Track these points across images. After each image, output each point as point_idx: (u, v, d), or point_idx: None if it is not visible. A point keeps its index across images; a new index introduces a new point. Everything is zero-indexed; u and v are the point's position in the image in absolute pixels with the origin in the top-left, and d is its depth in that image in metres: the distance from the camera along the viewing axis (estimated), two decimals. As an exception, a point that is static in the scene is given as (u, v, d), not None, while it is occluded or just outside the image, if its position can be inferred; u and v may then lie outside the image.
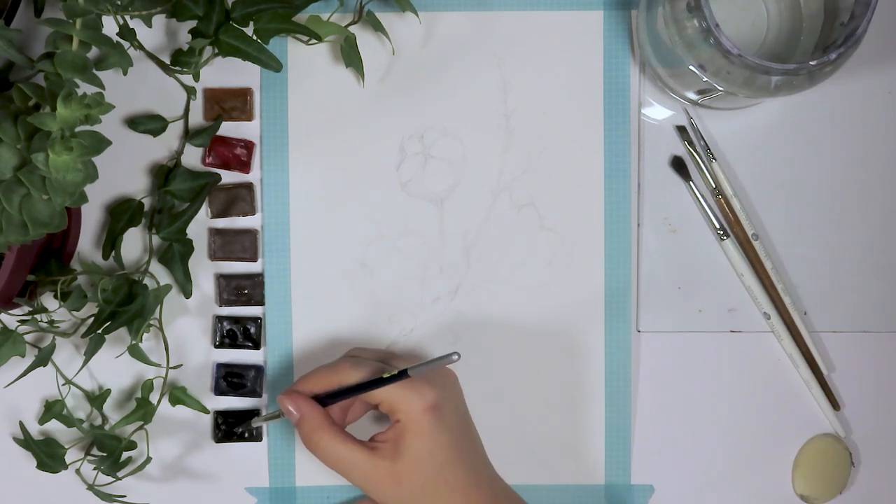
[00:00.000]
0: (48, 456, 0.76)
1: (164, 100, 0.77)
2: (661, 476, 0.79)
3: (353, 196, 0.78)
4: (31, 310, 0.73)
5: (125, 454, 0.76)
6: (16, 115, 0.62)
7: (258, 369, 0.78)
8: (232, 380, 0.78)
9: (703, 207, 0.77)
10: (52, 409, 0.76)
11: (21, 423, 0.77)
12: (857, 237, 0.78)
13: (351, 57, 0.75)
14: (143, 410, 0.76)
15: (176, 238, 0.76)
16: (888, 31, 0.77)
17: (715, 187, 0.78)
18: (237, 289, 0.78)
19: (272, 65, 0.72)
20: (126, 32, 0.70)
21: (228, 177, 0.78)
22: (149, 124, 0.76)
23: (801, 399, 0.79)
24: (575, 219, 0.78)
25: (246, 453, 0.79)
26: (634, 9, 0.77)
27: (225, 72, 0.77)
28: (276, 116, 0.77)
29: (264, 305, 0.78)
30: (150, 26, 0.73)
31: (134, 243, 0.78)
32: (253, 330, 0.78)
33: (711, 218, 0.77)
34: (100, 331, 0.71)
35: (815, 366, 0.78)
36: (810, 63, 0.64)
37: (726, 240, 0.77)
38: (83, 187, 0.62)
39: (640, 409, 0.78)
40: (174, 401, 0.77)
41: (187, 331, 0.78)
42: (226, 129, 0.77)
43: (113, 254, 0.76)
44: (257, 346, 0.78)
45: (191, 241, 0.77)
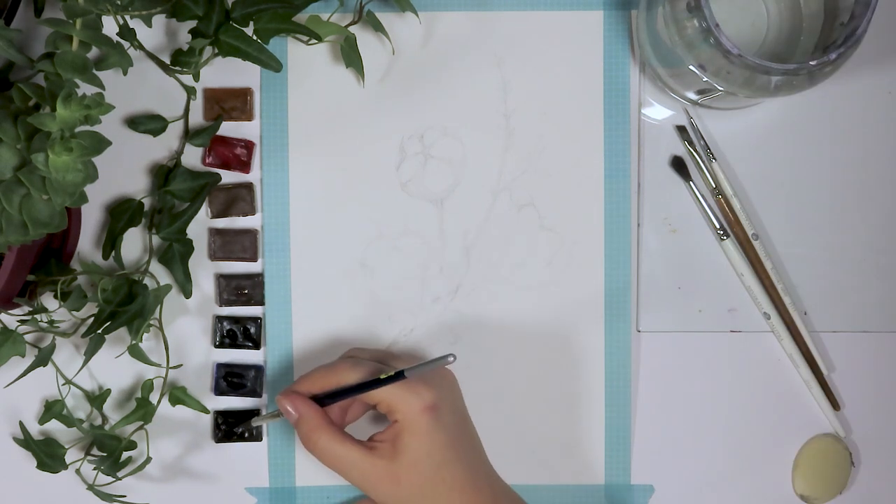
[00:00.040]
0: (48, 456, 0.76)
1: (164, 100, 0.77)
2: (661, 476, 0.79)
3: (353, 196, 0.78)
4: (31, 310, 0.73)
5: (125, 454, 0.76)
6: (16, 115, 0.62)
7: (258, 369, 0.78)
8: (232, 380, 0.78)
9: (703, 207, 0.77)
10: (52, 409, 0.76)
11: (21, 423, 0.77)
12: (857, 237, 0.78)
13: (351, 57, 0.75)
14: (143, 410, 0.76)
15: (176, 238, 0.76)
16: (888, 31, 0.77)
17: (715, 187, 0.78)
18: (237, 289, 0.78)
19: (272, 65, 0.72)
20: (126, 32, 0.70)
21: (228, 177, 0.78)
22: (149, 124, 0.76)
23: (801, 399, 0.79)
24: (575, 219, 0.78)
25: (246, 453, 0.79)
26: (634, 9, 0.77)
27: (225, 72, 0.77)
28: (276, 116, 0.77)
29: (264, 305, 0.78)
30: (150, 26, 0.73)
31: (134, 243, 0.78)
32: (253, 330, 0.78)
33: (711, 218, 0.77)
34: (100, 331, 0.71)
35: (815, 366, 0.78)
36: (810, 63, 0.64)
37: (726, 240, 0.77)
38: (83, 187, 0.62)
39: (640, 409, 0.78)
40: (174, 401, 0.77)
41: (187, 331, 0.78)
42: (226, 129, 0.77)
43: (113, 254, 0.76)
44: (257, 346, 0.78)
45: (191, 241, 0.77)
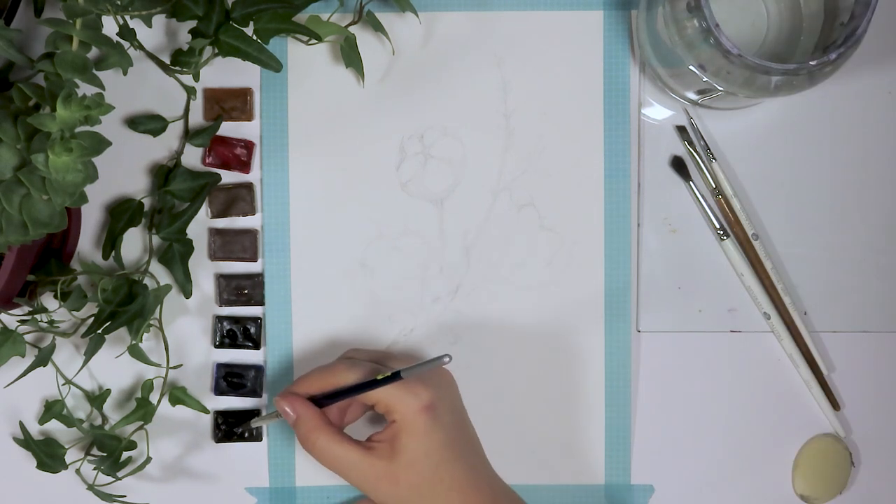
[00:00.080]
0: (48, 456, 0.76)
1: (164, 100, 0.77)
2: (661, 476, 0.79)
3: (353, 196, 0.78)
4: (31, 310, 0.73)
5: (125, 454, 0.76)
6: (16, 115, 0.62)
7: (258, 369, 0.78)
8: (232, 380, 0.78)
9: (703, 207, 0.77)
10: (52, 409, 0.76)
11: (21, 423, 0.77)
12: (857, 237, 0.78)
13: (351, 57, 0.75)
14: (143, 410, 0.76)
15: (176, 238, 0.76)
16: (888, 31, 0.77)
17: (715, 187, 0.78)
18: (237, 289, 0.78)
19: (272, 65, 0.72)
20: (126, 32, 0.70)
21: (228, 177, 0.78)
22: (149, 124, 0.76)
23: (801, 399, 0.79)
24: (575, 219, 0.78)
25: (246, 453, 0.79)
26: (634, 9, 0.77)
27: (225, 72, 0.77)
28: (276, 116, 0.77)
29: (264, 305, 0.78)
30: (150, 26, 0.73)
31: (134, 243, 0.78)
32: (253, 330, 0.78)
33: (711, 218, 0.77)
34: (100, 331, 0.71)
35: (815, 366, 0.78)
36: (810, 63, 0.64)
37: (726, 240, 0.77)
38: (83, 187, 0.62)
39: (640, 409, 0.78)
40: (174, 401, 0.77)
41: (187, 331, 0.78)
42: (226, 129, 0.77)
43: (113, 254, 0.76)
44: (257, 346, 0.78)
45: (191, 241, 0.77)
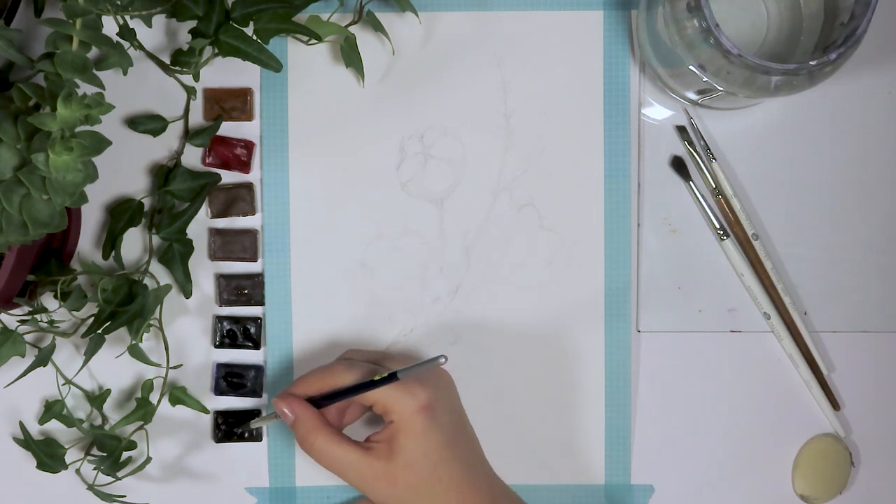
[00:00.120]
0: (48, 456, 0.76)
1: (164, 100, 0.77)
2: (661, 476, 0.79)
3: (353, 196, 0.78)
4: (31, 310, 0.73)
5: (125, 454, 0.76)
6: (16, 115, 0.62)
7: (258, 369, 0.78)
8: (232, 380, 0.78)
9: (703, 207, 0.77)
10: (52, 409, 0.76)
11: (21, 423, 0.77)
12: (857, 237, 0.78)
13: (351, 57, 0.75)
14: (143, 410, 0.76)
15: (176, 238, 0.76)
16: (888, 31, 0.77)
17: (715, 187, 0.78)
18: (237, 289, 0.78)
19: (272, 65, 0.72)
20: (126, 32, 0.70)
21: (228, 177, 0.78)
22: (149, 124, 0.76)
23: (801, 399, 0.79)
24: (575, 219, 0.78)
25: (246, 453, 0.79)
26: (634, 9, 0.77)
27: (225, 72, 0.77)
28: (276, 116, 0.77)
29: (264, 305, 0.78)
30: (150, 26, 0.73)
31: (134, 243, 0.78)
32: (253, 330, 0.78)
33: (711, 218, 0.77)
34: (100, 331, 0.71)
35: (815, 366, 0.78)
36: (810, 63, 0.64)
37: (726, 240, 0.77)
38: (83, 187, 0.62)
39: (640, 409, 0.78)
40: (174, 401, 0.77)
41: (187, 331, 0.78)
42: (226, 129, 0.77)
43: (113, 254, 0.76)
44: (257, 346, 0.78)
45: (191, 241, 0.77)
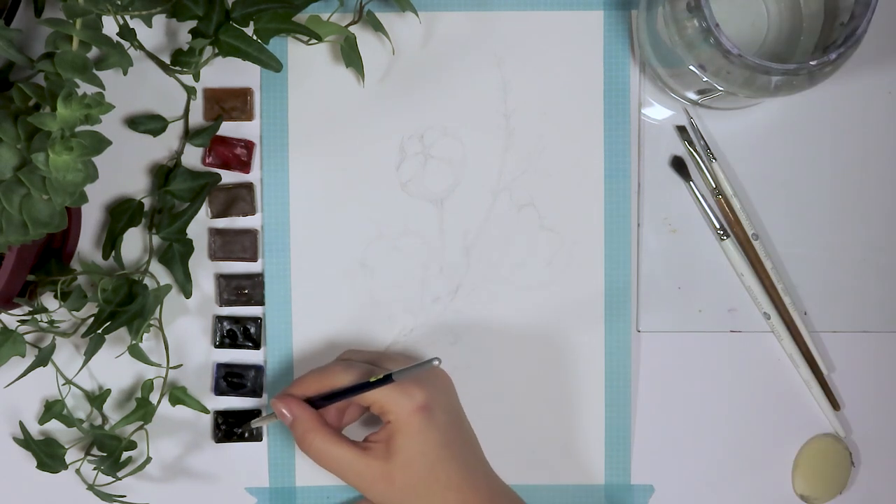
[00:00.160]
0: (48, 456, 0.76)
1: (164, 100, 0.77)
2: (661, 476, 0.79)
3: (353, 196, 0.78)
4: (31, 310, 0.73)
5: (125, 454, 0.76)
6: (16, 115, 0.62)
7: (258, 369, 0.78)
8: (232, 380, 0.78)
9: (703, 207, 0.77)
10: (52, 409, 0.76)
11: (21, 423, 0.77)
12: (857, 237, 0.78)
13: (351, 57, 0.75)
14: (143, 410, 0.76)
15: (176, 238, 0.76)
16: (888, 31, 0.77)
17: (715, 187, 0.78)
18: (237, 289, 0.78)
19: (272, 65, 0.72)
20: (126, 32, 0.70)
21: (228, 177, 0.78)
22: (149, 124, 0.76)
23: (801, 399, 0.79)
24: (575, 219, 0.78)
25: (246, 453, 0.79)
26: (634, 9, 0.77)
27: (225, 72, 0.77)
28: (276, 116, 0.77)
29: (264, 305, 0.78)
30: (150, 26, 0.73)
31: (134, 243, 0.78)
32: (253, 330, 0.78)
33: (711, 218, 0.77)
34: (100, 331, 0.71)
35: (815, 366, 0.78)
36: (810, 63, 0.64)
37: (726, 240, 0.77)
38: (83, 187, 0.62)
39: (640, 409, 0.78)
40: (174, 401, 0.77)
41: (187, 331, 0.78)
42: (226, 129, 0.77)
43: (113, 254, 0.76)
44: (257, 346, 0.78)
45: (191, 241, 0.77)
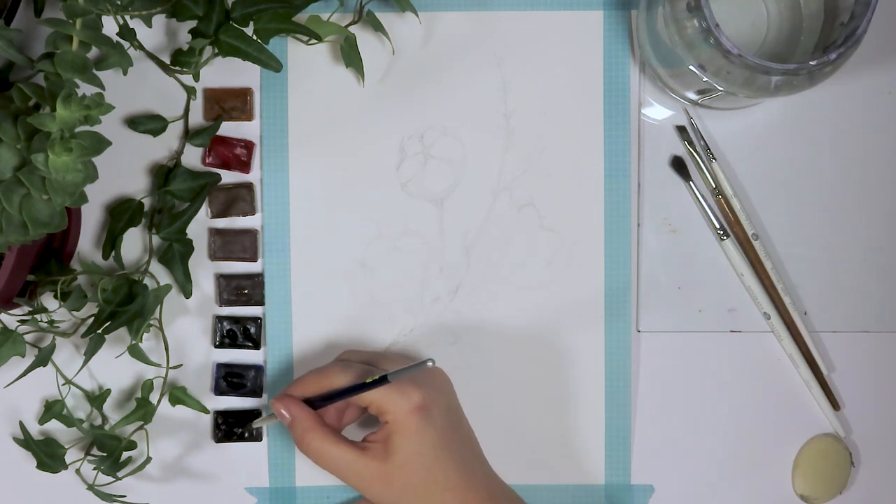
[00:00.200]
0: (48, 456, 0.76)
1: (164, 100, 0.77)
2: (661, 476, 0.79)
3: (353, 196, 0.78)
4: (31, 310, 0.73)
5: (125, 454, 0.76)
6: (16, 115, 0.62)
7: (258, 369, 0.78)
8: (232, 380, 0.78)
9: (703, 207, 0.77)
10: (52, 409, 0.76)
11: (21, 423, 0.77)
12: (857, 237, 0.78)
13: (351, 57, 0.75)
14: (143, 410, 0.76)
15: (176, 238, 0.76)
16: (888, 31, 0.77)
17: (715, 187, 0.78)
18: (237, 289, 0.78)
19: (272, 65, 0.72)
20: (126, 32, 0.70)
21: (228, 177, 0.78)
22: (149, 124, 0.76)
23: (801, 399, 0.79)
24: (575, 219, 0.78)
25: (246, 453, 0.79)
26: (634, 9, 0.77)
27: (225, 72, 0.77)
28: (276, 116, 0.77)
29: (264, 305, 0.78)
30: (150, 26, 0.73)
31: (134, 243, 0.78)
32: (253, 330, 0.78)
33: (711, 218, 0.77)
34: (100, 331, 0.71)
35: (815, 366, 0.78)
36: (810, 63, 0.64)
37: (726, 240, 0.77)
38: (83, 187, 0.62)
39: (640, 409, 0.78)
40: (174, 401, 0.77)
41: (187, 331, 0.78)
42: (226, 129, 0.77)
43: (113, 254, 0.76)
44: (257, 346, 0.78)
45: (191, 241, 0.77)
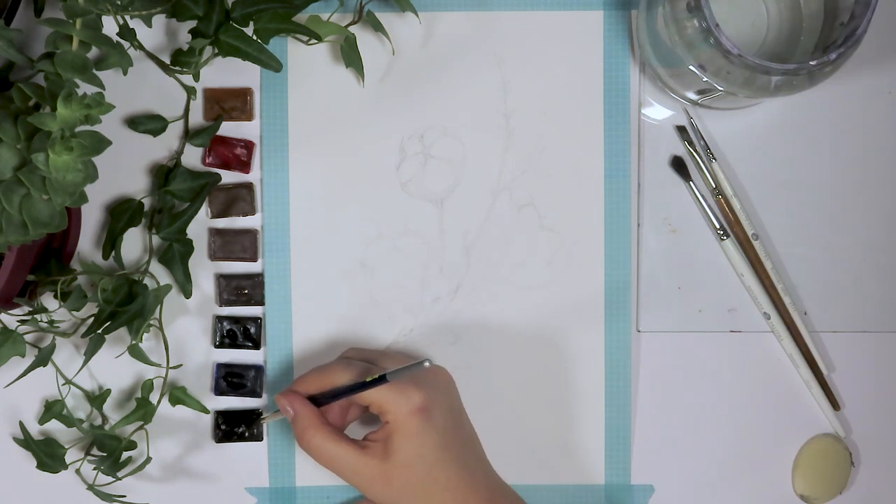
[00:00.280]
0: (48, 456, 0.76)
1: (164, 100, 0.77)
2: (661, 476, 0.79)
3: (353, 196, 0.78)
4: (31, 310, 0.73)
5: (125, 454, 0.76)
6: (16, 115, 0.62)
7: (258, 369, 0.78)
8: (232, 380, 0.78)
9: (703, 207, 0.77)
10: (52, 409, 0.76)
11: (21, 423, 0.77)
12: (857, 237, 0.78)
13: (351, 57, 0.75)
14: (143, 410, 0.76)
15: (176, 238, 0.76)
16: (888, 31, 0.77)
17: (715, 187, 0.78)
18: (237, 289, 0.78)
19: (272, 65, 0.72)
20: (126, 32, 0.70)
21: (228, 177, 0.78)
22: (149, 124, 0.76)
23: (801, 399, 0.79)
24: (575, 219, 0.78)
25: (246, 453, 0.79)
26: (634, 9, 0.77)
27: (225, 72, 0.77)
28: (276, 116, 0.77)
29: (264, 305, 0.78)
30: (150, 26, 0.73)
31: (134, 243, 0.78)
32: (253, 330, 0.78)
33: (711, 218, 0.77)
34: (100, 331, 0.71)
35: (815, 366, 0.78)
36: (810, 63, 0.64)
37: (726, 240, 0.77)
38: (83, 187, 0.62)
39: (640, 409, 0.78)
40: (174, 401, 0.77)
41: (187, 331, 0.78)
42: (226, 129, 0.77)
43: (113, 254, 0.76)
44: (257, 346, 0.78)
45: (191, 241, 0.77)
